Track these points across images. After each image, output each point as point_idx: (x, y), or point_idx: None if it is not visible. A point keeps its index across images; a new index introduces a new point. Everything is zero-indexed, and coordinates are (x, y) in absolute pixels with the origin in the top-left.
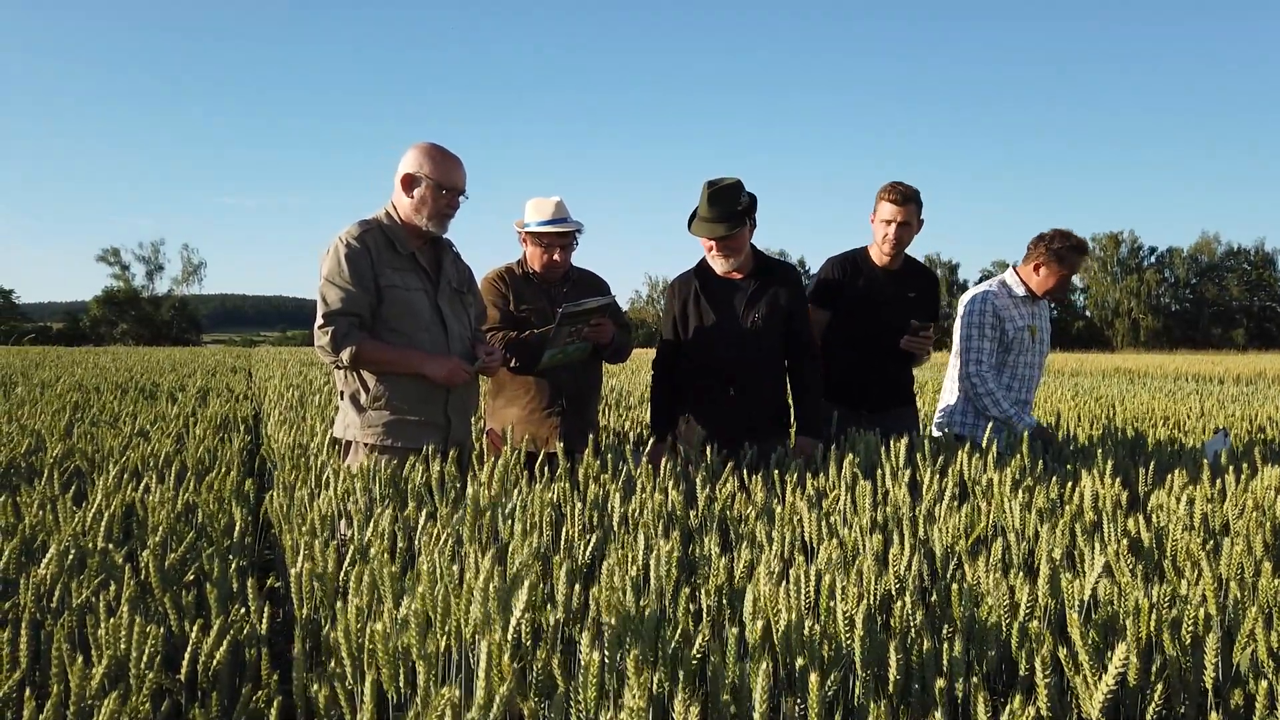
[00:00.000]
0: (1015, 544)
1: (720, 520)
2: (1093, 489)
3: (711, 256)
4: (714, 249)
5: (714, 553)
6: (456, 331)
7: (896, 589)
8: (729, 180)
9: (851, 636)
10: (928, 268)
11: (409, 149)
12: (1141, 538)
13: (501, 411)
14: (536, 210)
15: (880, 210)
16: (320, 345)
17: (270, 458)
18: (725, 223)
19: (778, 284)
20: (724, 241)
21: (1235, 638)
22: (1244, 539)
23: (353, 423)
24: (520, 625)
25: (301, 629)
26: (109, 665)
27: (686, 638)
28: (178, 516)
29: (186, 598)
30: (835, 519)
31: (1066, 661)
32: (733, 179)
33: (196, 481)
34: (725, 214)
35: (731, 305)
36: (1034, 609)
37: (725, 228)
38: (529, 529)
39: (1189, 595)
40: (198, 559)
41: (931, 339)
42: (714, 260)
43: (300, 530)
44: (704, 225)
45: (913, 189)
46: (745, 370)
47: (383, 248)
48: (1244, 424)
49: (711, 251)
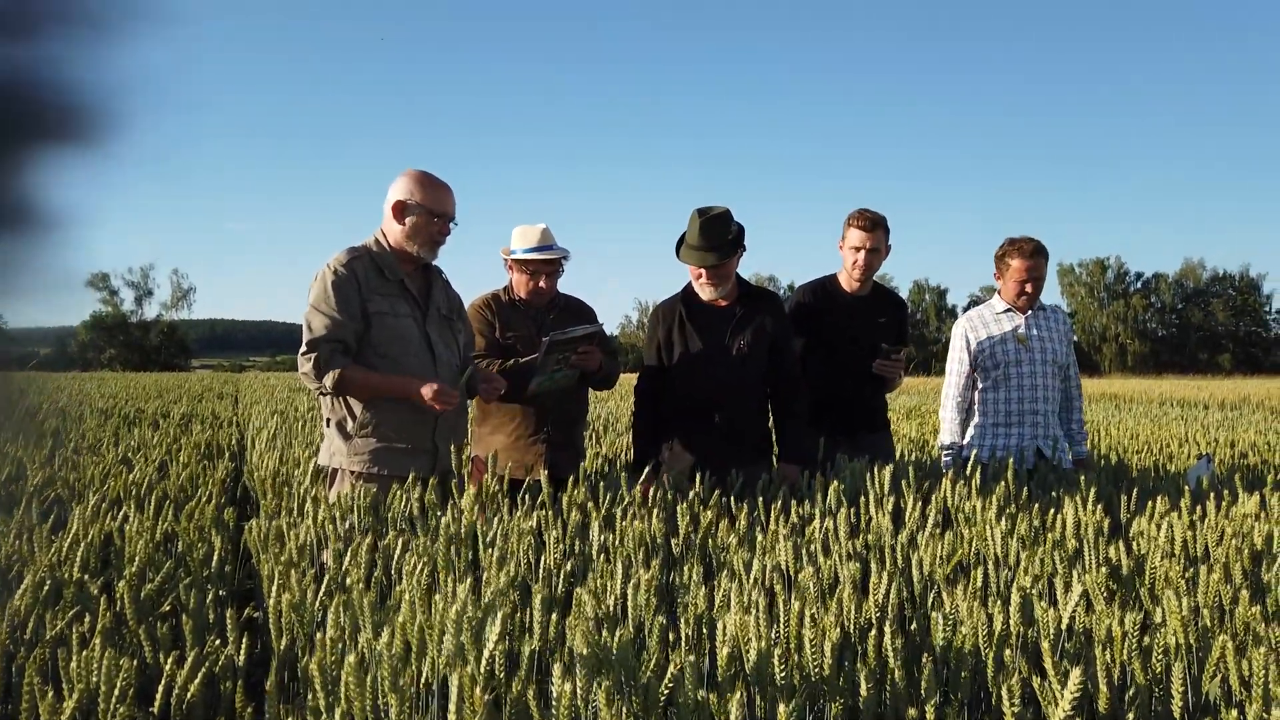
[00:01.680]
0: (994, 572)
1: (702, 548)
2: (1074, 516)
3: (700, 284)
4: (703, 277)
5: (694, 581)
6: (445, 358)
7: (876, 617)
8: (719, 209)
9: (821, 666)
10: (896, 294)
11: (399, 176)
12: (1121, 565)
13: (487, 438)
14: (522, 237)
15: (849, 237)
16: (304, 371)
17: (252, 485)
18: (716, 251)
19: (763, 311)
20: (714, 270)
21: (1205, 666)
22: (1222, 566)
23: (339, 450)
24: (494, 657)
25: (278, 661)
26: (80, 699)
27: (660, 668)
28: (156, 546)
29: (162, 629)
30: (815, 547)
31: (1040, 690)
32: (722, 208)
33: (177, 510)
34: (716, 243)
35: (717, 332)
36: (1009, 637)
37: (716, 257)
38: (507, 557)
39: (1161, 623)
40: (175, 589)
41: (903, 363)
42: (702, 288)
43: (279, 560)
44: (695, 254)
45: (880, 215)
46: (731, 397)
47: (372, 274)
48: (1227, 450)
49: (700, 279)
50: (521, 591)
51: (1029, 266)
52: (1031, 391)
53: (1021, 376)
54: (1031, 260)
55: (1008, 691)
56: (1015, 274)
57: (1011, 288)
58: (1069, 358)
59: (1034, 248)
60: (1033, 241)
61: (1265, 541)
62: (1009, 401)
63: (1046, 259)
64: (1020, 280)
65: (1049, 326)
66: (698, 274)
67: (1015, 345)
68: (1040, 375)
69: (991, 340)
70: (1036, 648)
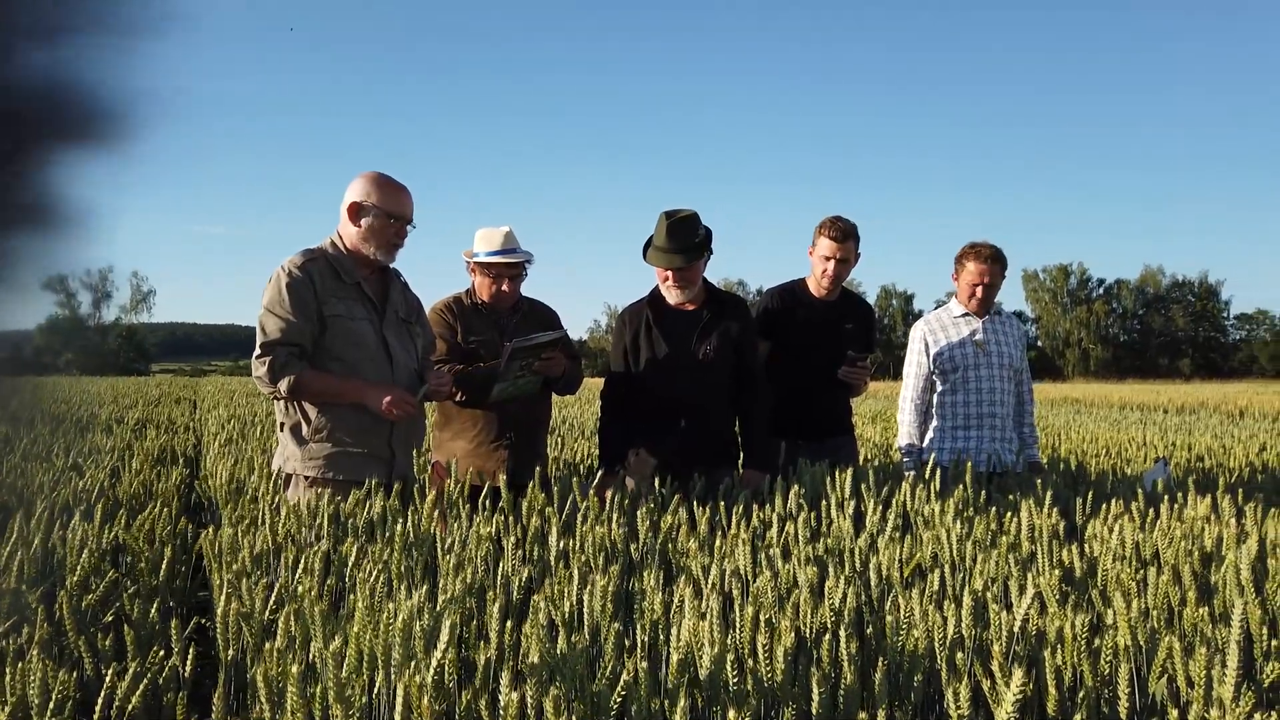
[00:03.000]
0: (950, 575)
1: (662, 553)
2: (1029, 520)
3: (666, 287)
4: (670, 279)
5: (651, 587)
6: (402, 362)
7: (832, 621)
8: (687, 212)
9: (773, 671)
10: (864, 299)
11: (356, 178)
12: (1075, 567)
13: (449, 444)
14: (485, 240)
15: (819, 246)
16: (257, 375)
17: (206, 492)
18: (684, 254)
19: (729, 316)
20: (680, 272)
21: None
22: (1171, 568)
23: (293, 455)
24: (444, 665)
25: (225, 671)
26: (13, 710)
27: (615, 676)
28: (103, 555)
29: (104, 640)
30: (775, 551)
31: (990, 693)
32: (690, 211)
33: (129, 517)
34: (684, 245)
35: (684, 336)
36: (962, 640)
37: (683, 259)
38: (464, 564)
39: (1112, 625)
40: (119, 599)
41: (868, 369)
42: (669, 291)
43: (229, 568)
44: (663, 256)
45: (851, 225)
46: (697, 401)
47: (327, 277)
48: (1184, 453)
49: (667, 282)
50: (478, 599)
51: (983, 271)
52: (989, 395)
53: (980, 380)
54: (985, 265)
55: (954, 694)
56: (969, 276)
57: (964, 290)
58: (1023, 362)
59: (991, 253)
60: (991, 247)
61: (1215, 544)
62: (967, 405)
63: (1003, 266)
64: (972, 283)
65: (1005, 331)
66: (664, 276)
67: (973, 349)
68: (997, 379)
69: (950, 344)
70: (990, 650)
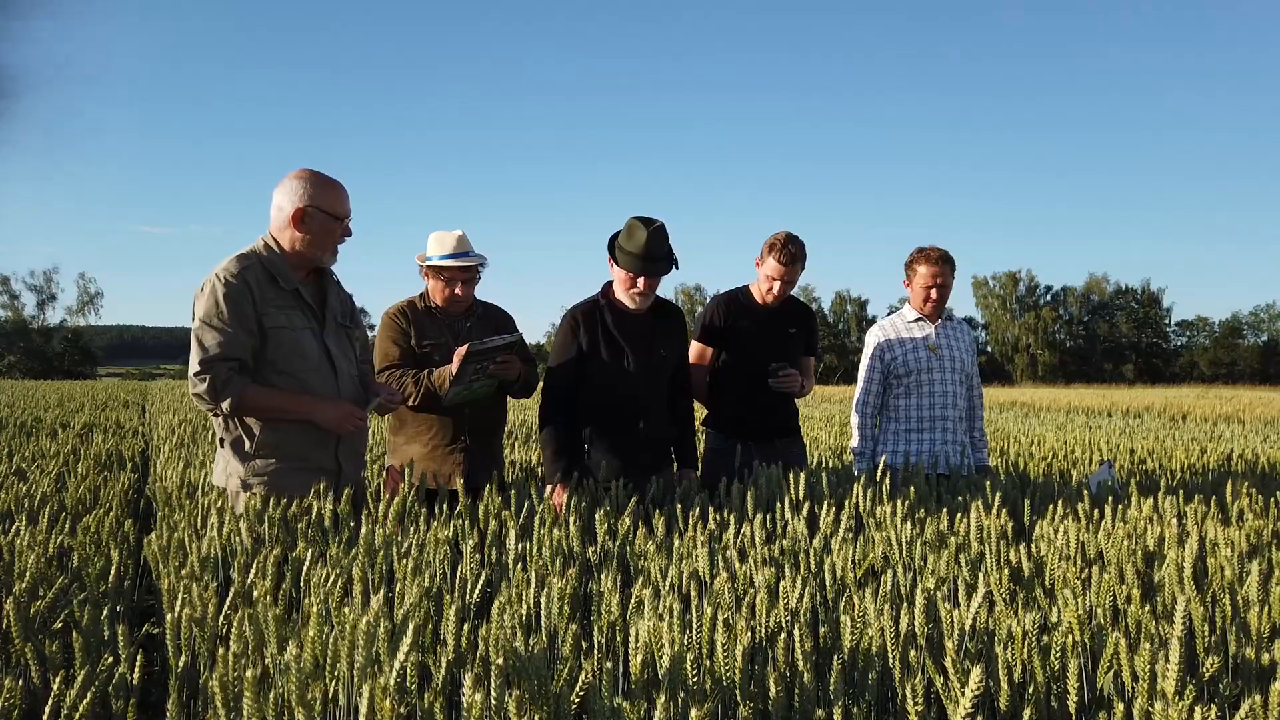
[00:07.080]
0: (903, 575)
1: (620, 556)
2: (978, 521)
3: (630, 293)
4: (639, 285)
5: (609, 589)
6: (345, 370)
7: (787, 621)
8: (659, 221)
9: (732, 670)
10: (806, 305)
11: (288, 179)
12: (1023, 567)
13: (403, 448)
14: (438, 243)
15: (767, 265)
16: (196, 393)
17: (155, 497)
18: (663, 261)
19: (672, 321)
20: (650, 281)
21: (1099, 662)
22: (1115, 567)
23: (235, 470)
24: (405, 668)
25: (177, 678)
26: None
27: (574, 676)
28: (49, 561)
29: (52, 647)
30: (732, 553)
31: (943, 690)
32: (660, 220)
33: (74, 523)
34: (662, 255)
35: (640, 339)
36: (915, 638)
37: (662, 268)
38: (421, 568)
39: (1059, 622)
40: (68, 606)
41: (795, 376)
42: (631, 297)
43: (179, 574)
44: (642, 263)
45: (800, 248)
46: (653, 403)
47: (265, 284)
48: (1127, 456)
49: (633, 288)
50: (436, 602)
51: (935, 273)
52: (942, 398)
53: (933, 384)
54: (937, 267)
55: (911, 691)
56: (922, 280)
57: (918, 294)
58: (973, 367)
59: (940, 255)
60: (939, 250)
61: (1157, 543)
62: (920, 408)
63: (953, 268)
64: (926, 286)
65: (956, 336)
66: (631, 282)
67: (926, 353)
68: (950, 383)
69: (904, 348)
70: (942, 648)
